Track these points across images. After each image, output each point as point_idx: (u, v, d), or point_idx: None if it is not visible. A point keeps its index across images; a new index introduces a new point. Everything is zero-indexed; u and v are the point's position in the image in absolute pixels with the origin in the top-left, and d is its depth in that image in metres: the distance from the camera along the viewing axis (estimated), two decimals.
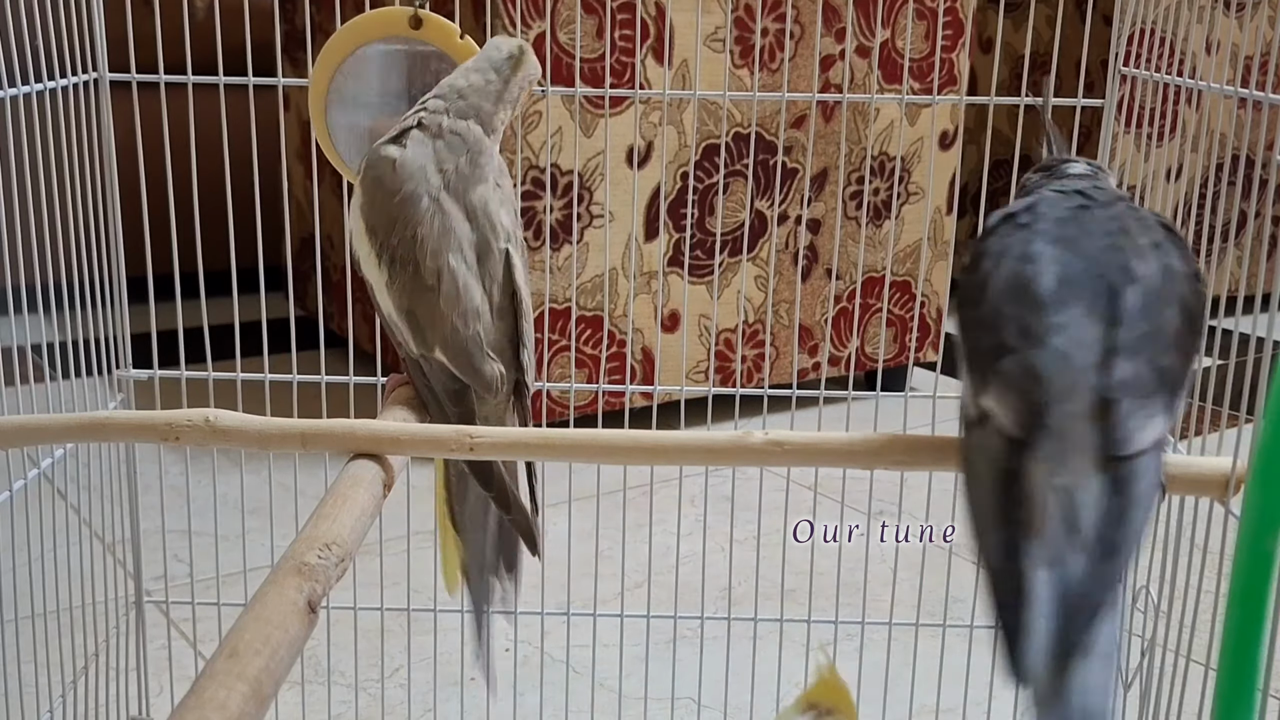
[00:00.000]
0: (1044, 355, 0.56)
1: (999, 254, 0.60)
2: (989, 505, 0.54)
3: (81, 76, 0.91)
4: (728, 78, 1.42)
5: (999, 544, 0.53)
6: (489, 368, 0.70)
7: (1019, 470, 0.54)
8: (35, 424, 0.68)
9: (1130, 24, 0.93)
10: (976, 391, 0.57)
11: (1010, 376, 0.56)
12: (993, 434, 0.55)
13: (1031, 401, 0.55)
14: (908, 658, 1.03)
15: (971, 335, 0.59)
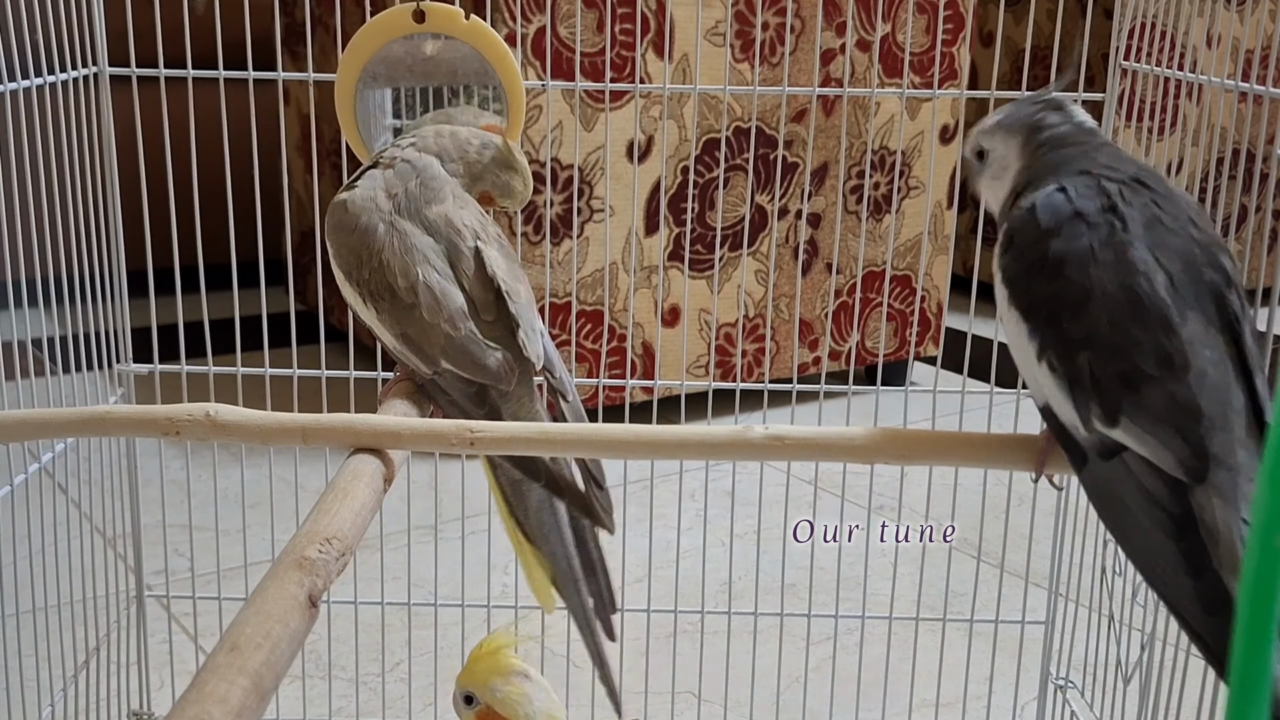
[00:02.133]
0: (1195, 385, 0.53)
1: (1087, 260, 0.55)
2: (1166, 554, 0.51)
3: (81, 71, 0.90)
4: (728, 72, 1.41)
5: (1198, 596, 0.51)
6: (492, 359, 0.70)
7: (1192, 511, 0.52)
8: (36, 418, 0.68)
9: (1131, 18, 0.93)
10: (1099, 420, 0.54)
11: (1160, 411, 0.52)
12: (1144, 473, 0.52)
13: (1193, 440, 0.52)
14: (907, 652, 1.04)
15: (1080, 355, 0.54)
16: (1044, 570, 1.06)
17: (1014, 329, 0.58)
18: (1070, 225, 0.56)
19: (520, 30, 1.48)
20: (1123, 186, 0.57)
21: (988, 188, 0.64)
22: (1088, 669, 0.98)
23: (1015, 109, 0.64)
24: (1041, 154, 0.61)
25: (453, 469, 1.33)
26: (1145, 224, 0.56)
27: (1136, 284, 0.54)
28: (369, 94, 0.84)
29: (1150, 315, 0.54)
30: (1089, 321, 0.54)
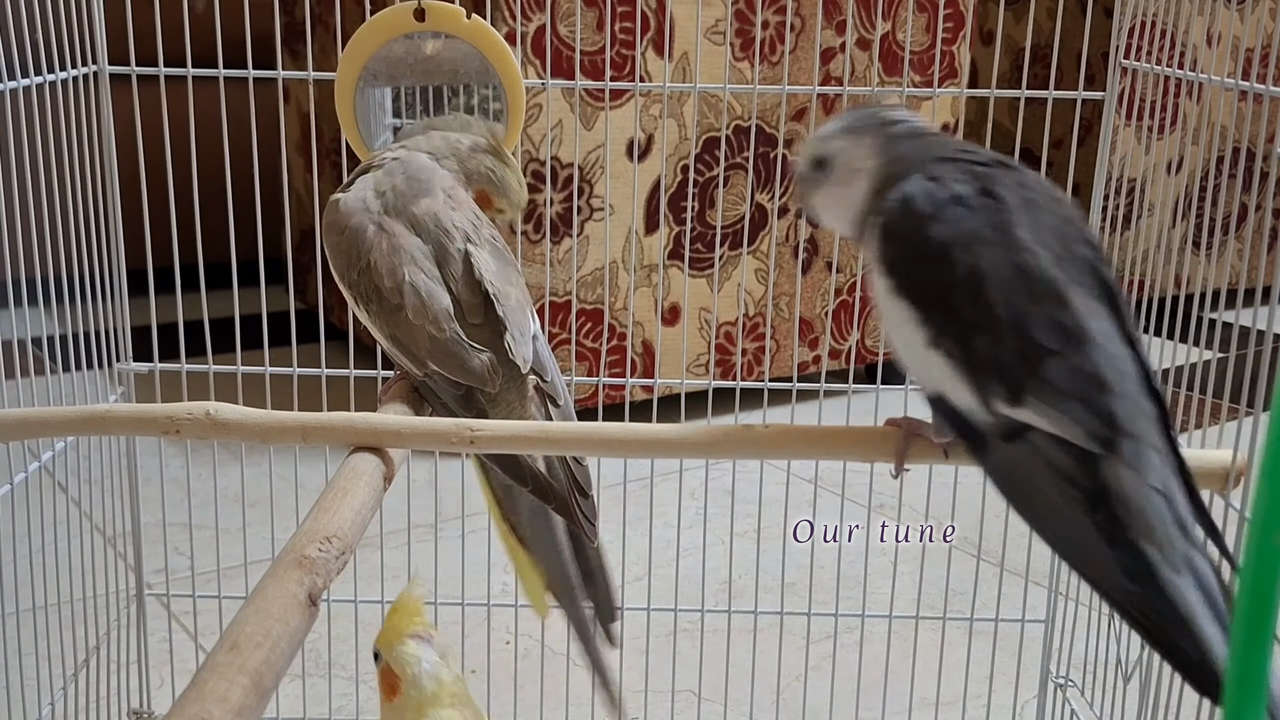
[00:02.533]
0: (1094, 356, 0.52)
1: (974, 241, 0.54)
2: (1082, 529, 0.51)
3: (81, 69, 0.90)
4: (728, 70, 1.41)
5: (1120, 568, 0.50)
6: (476, 361, 0.70)
7: (1103, 483, 0.51)
8: (36, 417, 0.68)
9: (1131, 16, 0.93)
10: (1003, 401, 0.52)
11: (1064, 385, 0.52)
12: (1052, 450, 0.51)
13: (1100, 410, 0.51)
14: (908, 650, 1.04)
15: (977, 337, 0.53)
16: (1044, 569, 1.06)
17: (901, 319, 0.56)
18: (950, 209, 0.55)
19: (520, 29, 1.48)
20: (990, 170, 0.57)
21: (831, 197, 0.62)
22: (1088, 667, 0.98)
23: (852, 115, 0.62)
24: (898, 148, 0.60)
25: (453, 468, 1.33)
26: (1021, 204, 0.55)
27: (1025, 261, 0.53)
28: (369, 92, 0.84)
29: (1043, 290, 0.53)
30: (983, 302, 0.53)
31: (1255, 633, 0.35)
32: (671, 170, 1.65)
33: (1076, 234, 0.55)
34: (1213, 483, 0.65)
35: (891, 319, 0.56)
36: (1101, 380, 0.52)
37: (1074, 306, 0.53)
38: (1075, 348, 0.52)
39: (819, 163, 0.61)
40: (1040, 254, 0.54)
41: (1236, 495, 0.68)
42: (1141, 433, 0.52)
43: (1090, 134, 2.09)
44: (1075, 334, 0.52)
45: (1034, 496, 0.52)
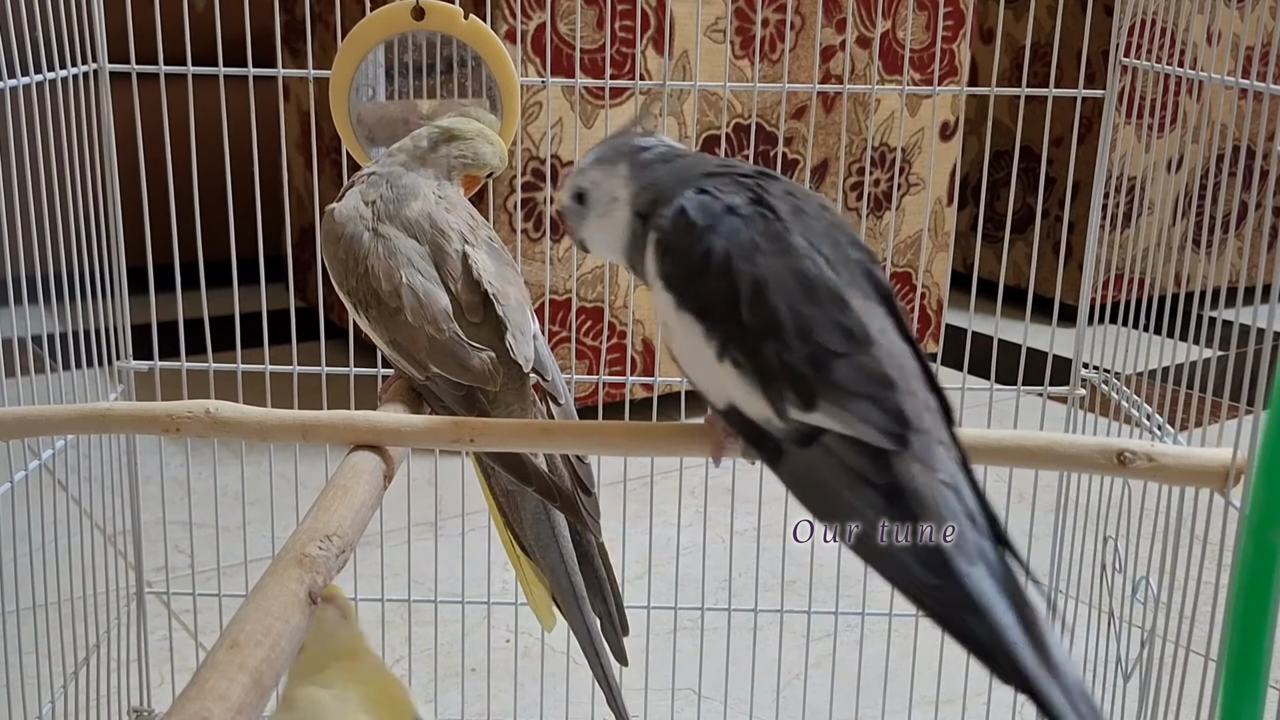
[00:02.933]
0: (881, 355, 0.53)
1: (753, 250, 0.54)
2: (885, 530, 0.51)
3: (81, 67, 0.90)
4: (728, 68, 1.41)
5: (919, 562, 0.51)
6: (476, 360, 0.70)
7: (898, 480, 0.52)
8: (36, 415, 0.68)
9: (1131, 14, 0.93)
10: (795, 407, 0.53)
11: (854, 385, 0.52)
12: (846, 451, 0.52)
13: (890, 407, 0.52)
14: (908, 649, 1.04)
15: (765, 346, 0.53)
16: (1044, 567, 1.06)
17: (686, 334, 0.56)
18: (726, 220, 0.55)
19: (520, 27, 1.48)
20: (757, 180, 0.57)
21: (598, 229, 0.62)
22: (1087, 666, 0.98)
23: (604, 146, 0.63)
24: (653, 172, 0.60)
25: (453, 466, 1.33)
26: (792, 212, 0.56)
27: (805, 267, 0.54)
28: (363, 91, 0.84)
29: (824, 295, 0.53)
30: (768, 310, 0.53)
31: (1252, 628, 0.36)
32: None
33: (847, 239, 0.56)
34: (1212, 481, 0.65)
35: (677, 335, 0.56)
36: (888, 378, 0.53)
37: (855, 309, 0.54)
38: (860, 348, 0.53)
39: (579, 196, 0.62)
40: (817, 259, 0.54)
41: (1236, 494, 0.68)
42: (929, 428, 0.53)
43: (1090, 132, 2.09)
44: (859, 335, 0.53)
45: (831, 498, 0.52)
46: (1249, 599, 0.35)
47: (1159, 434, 0.86)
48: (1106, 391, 0.96)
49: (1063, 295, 1.01)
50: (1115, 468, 0.64)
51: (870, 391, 0.52)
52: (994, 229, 2.43)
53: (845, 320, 0.53)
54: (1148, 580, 0.84)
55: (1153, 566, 0.83)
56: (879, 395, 0.52)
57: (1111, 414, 0.95)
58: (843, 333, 0.53)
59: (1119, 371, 0.94)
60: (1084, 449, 0.64)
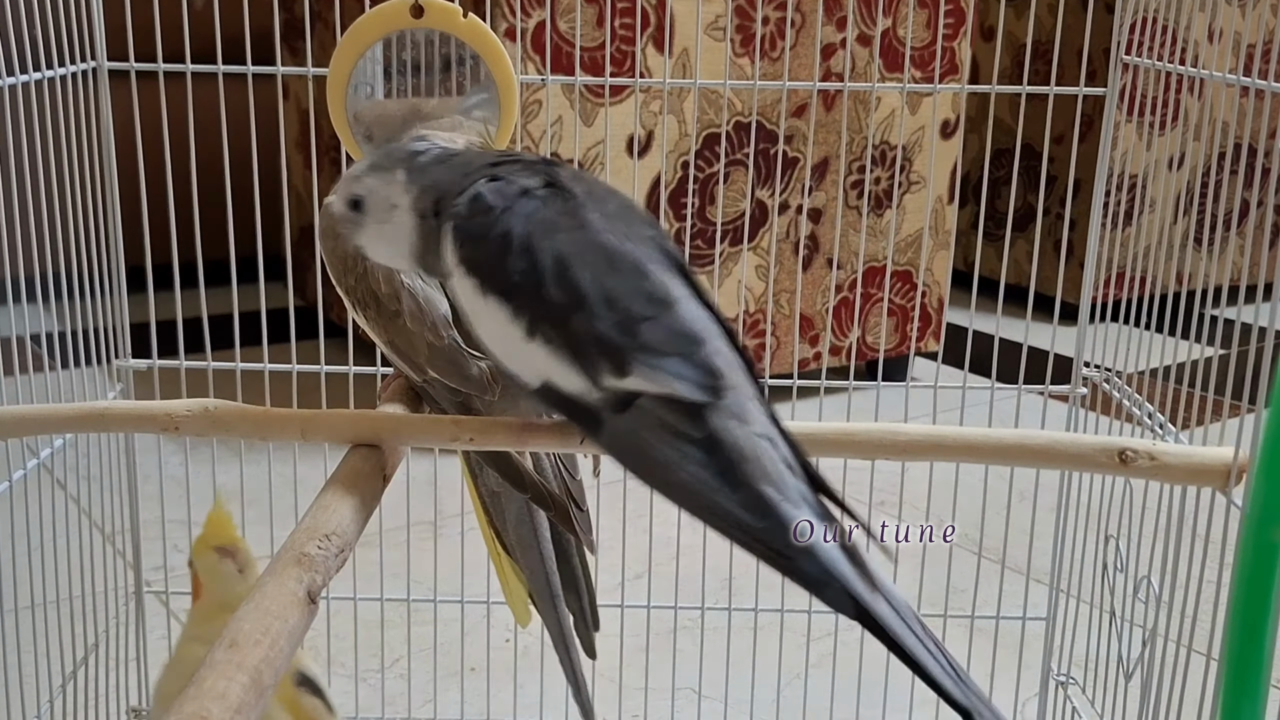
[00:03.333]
0: (685, 314, 0.55)
1: (554, 227, 0.56)
2: (704, 479, 0.53)
3: (80, 65, 0.90)
4: (728, 66, 1.41)
5: (745, 506, 0.52)
6: (475, 369, 0.70)
7: (716, 433, 0.53)
8: (34, 414, 0.68)
9: (1132, 12, 0.93)
10: (610, 374, 0.54)
11: (664, 345, 0.54)
12: (663, 410, 0.53)
13: (700, 361, 0.54)
14: None
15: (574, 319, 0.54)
16: (1045, 566, 1.06)
17: (492, 316, 0.56)
18: (523, 202, 0.56)
19: (520, 25, 1.48)
20: (545, 165, 0.58)
21: (378, 235, 0.62)
22: (1089, 665, 0.97)
23: (378, 153, 0.62)
24: (432, 174, 0.60)
25: (453, 465, 1.32)
26: (585, 192, 0.57)
27: (604, 240, 0.55)
28: (361, 89, 0.84)
29: (625, 265, 0.55)
30: (573, 284, 0.54)
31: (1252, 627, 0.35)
32: (672, 167, 1.65)
33: (639, 217, 0.58)
34: (1214, 480, 0.64)
35: (482, 320, 0.57)
36: (695, 335, 0.55)
37: (655, 276, 0.55)
38: (665, 310, 0.55)
39: (354, 204, 0.61)
40: (615, 232, 0.56)
41: (1238, 493, 0.68)
42: (738, 383, 0.55)
43: (1092, 130, 2.09)
44: (662, 299, 0.55)
45: (654, 458, 0.54)
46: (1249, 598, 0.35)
47: (1160, 433, 0.86)
48: (1108, 390, 0.96)
49: (1064, 294, 1.00)
50: (1117, 467, 0.63)
51: (680, 349, 0.54)
52: (995, 227, 2.43)
53: (647, 286, 0.55)
54: (1149, 579, 0.83)
55: (1154, 566, 0.82)
56: (688, 352, 0.54)
57: (1113, 413, 0.95)
58: (646, 298, 0.55)
59: (1120, 370, 0.94)
60: (1085, 448, 0.64)
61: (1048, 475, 0.99)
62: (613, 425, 0.54)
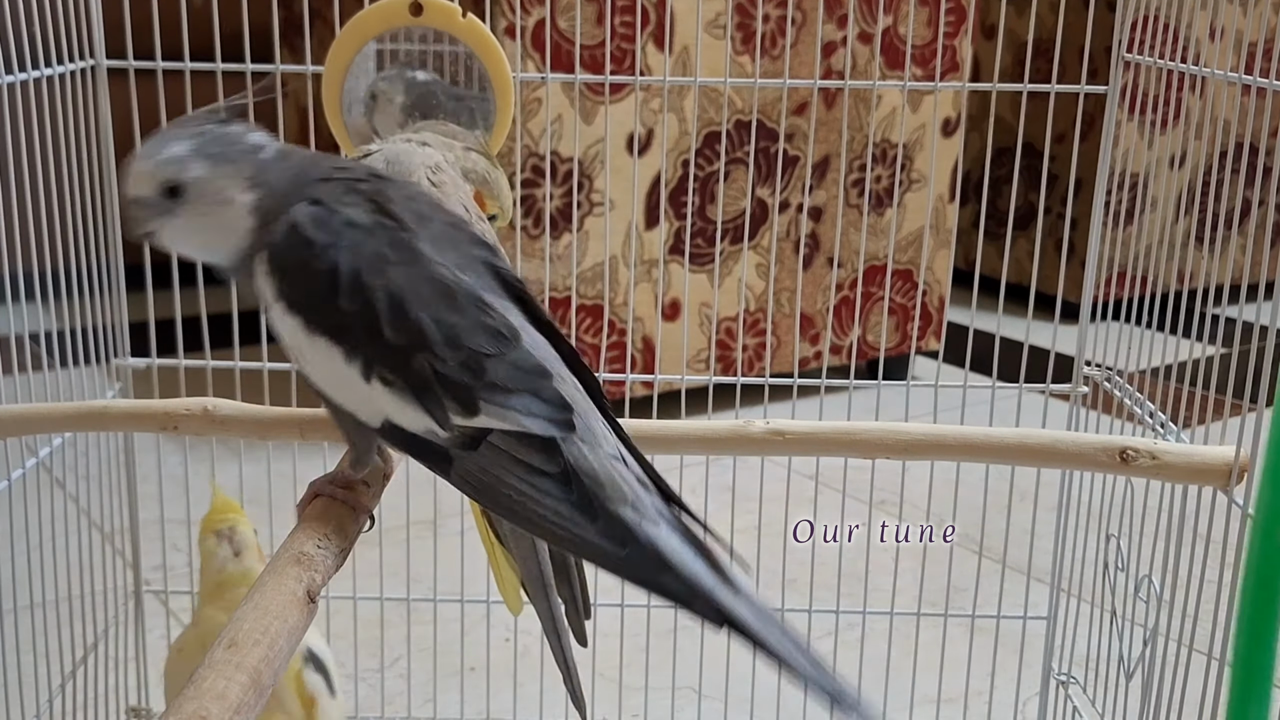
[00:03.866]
0: (528, 345, 0.54)
1: (384, 264, 0.53)
2: (562, 512, 0.52)
3: (78, 63, 0.90)
4: (729, 64, 1.41)
5: (604, 534, 0.52)
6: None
7: (570, 463, 0.53)
8: (33, 413, 0.68)
9: (1134, 10, 0.92)
10: (458, 414, 0.52)
11: (512, 382, 0.53)
12: (515, 447, 0.52)
13: (551, 396, 0.53)
14: (909, 648, 1.03)
15: (415, 359, 0.52)
16: (1046, 565, 1.05)
17: (323, 357, 0.54)
18: (347, 234, 0.53)
19: (520, 22, 1.48)
20: (374, 185, 0.56)
21: (194, 228, 0.56)
22: (1090, 665, 0.97)
23: (206, 136, 0.56)
24: (270, 172, 0.56)
25: None
26: (415, 219, 0.55)
27: (440, 275, 0.53)
28: (355, 85, 0.84)
29: (464, 298, 0.53)
30: (412, 323, 0.52)
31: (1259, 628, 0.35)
32: (672, 165, 1.65)
33: (468, 238, 0.56)
34: (1215, 479, 0.64)
35: (311, 358, 0.54)
36: (543, 369, 0.54)
37: (495, 308, 0.54)
38: (509, 345, 0.54)
39: (172, 190, 0.55)
40: (449, 264, 0.54)
41: (1239, 492, 0.68)
42: (584, 408, 0.54)
43: (1093, 129, 2.09)
44: (506, 333, 0.54)
45: (509, 495, 0.53)
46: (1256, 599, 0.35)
47: (1162, 432, 0.85)
48: (1109, 389, 0.96)
49: (1065, 292, 1.00)
50: (1118, 466, 0.63)
51: (529, 385, 0.53)
52: (996, 226, 2.43)
53: (489, 320, 0.54)
54: (1150, 579, 0.83)
55: (1155, 565, 0.82)
56: (537, 387, 0.53)
57: (1114, 411, 0.95)
58: (490, 334, 0.53)
59: (1122, 369, 0.93)
60: (1087, 447, 0.64)
61: (1049, 474, 0.99)
62: (463, 464, 0.53)
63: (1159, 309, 0.90)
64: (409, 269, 0.53)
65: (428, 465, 0.54)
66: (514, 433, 0.53)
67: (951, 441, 0.64)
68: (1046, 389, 0.99)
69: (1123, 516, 0.88)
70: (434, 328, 0.52)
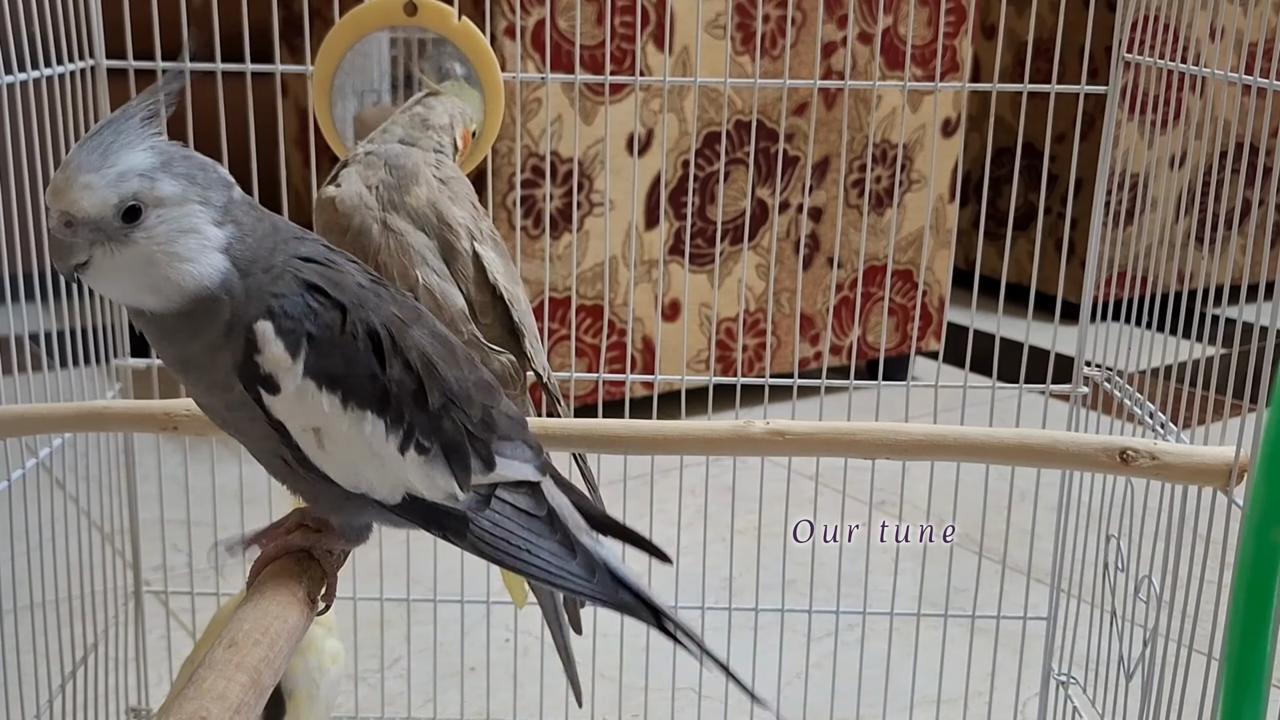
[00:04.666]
0: (504, 396, 0.55)
1: (403, 327, 0.51)
2: (554, 551, 0.54)
3: (78, 63, 0.90)
4: (729, 65, 1.41)
5: (583, 565, 0.54)
6: (496, 364, 0.69)
7: (549, 503, 0.54)
8: (33, 414, 0.68)
9: (1134, 10, 0.92)
10: (480, 471, 0.52)
11: (508, 430, 0.54)
12: (516, 497, 0.53)
13: (533, 441, 0.55)
14: (909, 648, 1.03)
15: (445, 421, 0.51)
16: (1046, 566, 1.05)
17: (356, 435, 0.49)
18: (365, 296, 0.50)
19: (520, 23, 1.48)
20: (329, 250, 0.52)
21: (142, 266, 0.46)
22: (1090, 665, 0.97)
23: (168, 152, 0.47)
24: (242, 215, 0.49)
25: None
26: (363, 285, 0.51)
27: (440, 330, 0.53)
28: (368, 95, 0.84)
29: (458, 350, 0.53)
30: (444, 383, 0.51)
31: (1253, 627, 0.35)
32: (672, 165, 1.65)
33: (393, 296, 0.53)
34: (1215, 479, 0.64)
35: (340, 439, 0.49)
36: (518, 415, 0.55)
37: (469, 363, 0.54)
38: (499, 396, 0.54)
39: (130, 211, 0.45)
40: (419, 330, 0.52)
41: (1239, 492, 0.68)
42: (536, 442, 0.56)
43: (1093, 129, 2.09)
44: (493, 383, 0.54)
45: (519, 547, 0.53)
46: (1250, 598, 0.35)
47: (1162, 432, 0.85)
48: (1109, 389, 0.96)
49: (1065, 293, 1.00)
50: (1118, 466, 0.63)
51: (520, 434, 0.54)
52: (996, 226, 2.42)
53: (479, 372, 0.54)
54: (1150, 579, 0.83)
55: (1155, 565, 0.82)
56: (524, 434, 0.55)
57: (1114, 412, 0.95)
58: (485, 386, 0.54)
59: (1121, 369, 0.93)
60: (1087, 447, 0.64)
61: (1049, 475, 0.99)
62: (478, 524, 0.53)
63: (1159, 309, 0.90)
64: (421, 328, 0.52)
65: (441, 534, 0.52)
66: (512, 482, 0.54)
67: (951, 442, 0.64)
68: (1046, 389, 0.99)
69: (1123, 517, 0.88)
70: (455, 384, 0.52)
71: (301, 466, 0.51)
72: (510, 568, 0.54)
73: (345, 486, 0.51)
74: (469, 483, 0.52)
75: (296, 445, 0.50)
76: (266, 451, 0.52)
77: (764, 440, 0.64)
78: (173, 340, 0.49)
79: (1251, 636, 0.36)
